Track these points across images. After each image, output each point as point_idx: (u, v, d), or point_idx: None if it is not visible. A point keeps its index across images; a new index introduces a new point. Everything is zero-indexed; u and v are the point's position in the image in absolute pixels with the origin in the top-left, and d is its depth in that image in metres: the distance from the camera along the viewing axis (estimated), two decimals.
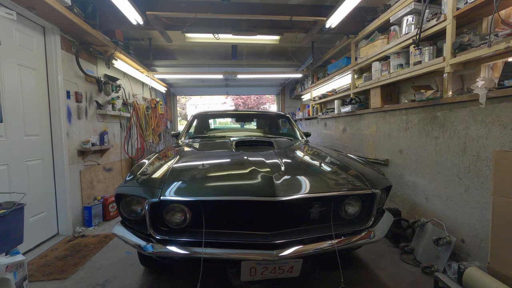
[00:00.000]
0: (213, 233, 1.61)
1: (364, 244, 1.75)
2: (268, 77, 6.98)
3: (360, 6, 3.26)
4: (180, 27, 3.71)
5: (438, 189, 2.53)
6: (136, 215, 1.68)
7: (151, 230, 1.59)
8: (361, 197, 1.80)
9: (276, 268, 1.57)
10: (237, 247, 1.57)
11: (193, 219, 1.64)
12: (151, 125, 5.73)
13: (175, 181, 1.69)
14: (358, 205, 1.82)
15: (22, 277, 1.89)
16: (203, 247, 1.51)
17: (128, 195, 1.67)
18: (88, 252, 2.67)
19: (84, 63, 3.55)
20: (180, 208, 1.64)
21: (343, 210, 1.79)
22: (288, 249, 1.54)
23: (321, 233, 1.65)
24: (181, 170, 1.89)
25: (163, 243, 1.58)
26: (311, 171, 1.95)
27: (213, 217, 1.64)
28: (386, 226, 1.84)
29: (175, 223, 1.65)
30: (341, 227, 1.74)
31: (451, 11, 2.33)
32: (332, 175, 1.88)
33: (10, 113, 2.51)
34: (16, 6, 2.48)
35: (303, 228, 1.70)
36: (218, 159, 2.25)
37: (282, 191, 1.55)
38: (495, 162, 1.76)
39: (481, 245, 2.10)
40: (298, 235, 1.62)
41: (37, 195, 2.82)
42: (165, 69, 6.12)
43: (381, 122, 3.44)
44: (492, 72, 2.34)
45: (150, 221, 1.58)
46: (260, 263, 1.54)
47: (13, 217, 1.90)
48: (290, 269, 1.59)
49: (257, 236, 1.60)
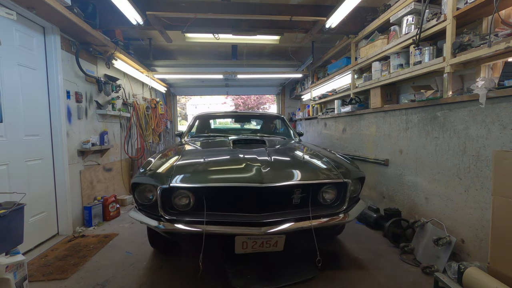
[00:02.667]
0: (213, 214, 1.94)
1: (336, 224, 2.08)
2: (268, 77, 6.98)
3: (360, 6, 3.26)
4: (180, 27, 3.71)
5: (438, 189, 2.53)
6: (149, 201, 2.03)
7: (162, 212, 1.94)
8: (336, 186, 2.14)
9: (264, 242, 1.92)
10: (232, 225, 1.91)
11: (196, 203, 1.99)
12: (151, 125, 5.73)
13: (181, 172, 2.04)
14: (333, 193, 2.16)
15: (22, 277, 1.89)
16: (205, 224, 1.86)
17: (144, 183, 2.02)
18: (88, 252, 2.67)
19: (84, 63, 3.55)
20: (185, 194, 1.99)
21: (321, 197, 2.13)
22: (274, 227, 1.88)
23: (302, 215, 1.98)
24: (186, 163, 2.22)
25: (171, 222, 1.92)
26: (294, 164, 2.32)
27: (212, 201, 1.97)
28: (358, 211, 2.20)
29: (181, 206, 1.99)
30: (320, 211, 2.07)
31: (451, 11, 2.33)
32: (312, 168, 2.27)
33: (10, 113, 2.51)
34: (16, 6, 2.48)
35: (287, 211, 2.03)
36: (218, 155, 2.54)
37: (268, 180, 1.90)
38: (495, 162, 1.76)
39: (481, 245, 2.10)
40: (282, 216, 1.96)
41: (37, 195, 2.82)
42: (165, 69, 6.12)
43: (381, 122, 3.44)
44: (492, 72, 2.34)
45: (161, 204, 1.93)
46: (250, 237, 1.89)
47: (13, 217, 1.90)
48: (275, 243, 1.94)
49: (248, 217, 1.94)
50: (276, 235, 1.89)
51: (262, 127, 4.49)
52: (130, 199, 4.44)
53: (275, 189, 1.92)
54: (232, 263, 2.39)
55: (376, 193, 3.57)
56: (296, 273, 2.22)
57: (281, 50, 5.86)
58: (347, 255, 2.58)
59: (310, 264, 2.34)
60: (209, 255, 2.22)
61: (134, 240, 2.98)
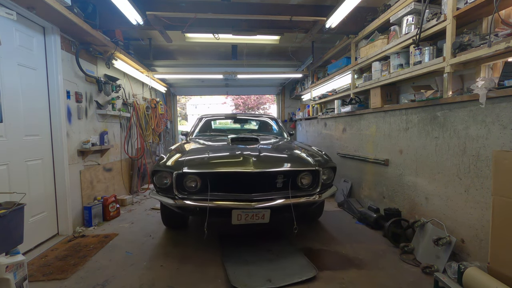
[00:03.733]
0: (214, 194, 2.50)
1: (310, 202, 2.61)
2: (268, 77, 6.97)
3: (360, 6, 3.26)
4: (180, 27, 3.71)
5: (438, 189, 2.53)
6: (165, 185, 2.55)
7: (176, 192, 2.49)
8: (311, 173, 2.68)
9: (254, 215, 2.43)
10: (229, 201, 2.43)
11: (202, 186, 2.55)
12: (151, 125, 5.73)
13: (190, 161, 2.60)
14: (309, 179, 2.70)
15: (22, 277, 1.89)
16: (208, 201, 2.40)
17: (162, 171, 2.56)
18: (88, 252, 2.67)
19: (84, 63, 3.56)
20: (194, 178, 2.55)
21: (300, 182, 2.67)
22: (261, 203, 2.41)
23: (284, 195, 2.52)
24: (194, 155, 2.77)
25: (183, 200, 2.47)
26: (279, 156, 2.93)
27: (214, 183, 2.53)
28: (330, 193, 2.77)
29: (190, 188, 2.55)
30: (299, 192, 2.61)
31: (451, 11, 2.33)
32: (292, 159, 2.82)
33: (10, 113, 2.51)
34: (16, 6, 2.48)
35: (273, 192, 2.57)
36: (219, 149, 3.10)
37: (257, 167, 2.45)
38: (495, 162, 1.76)
39: (481, 245, 2.10)
40: (268, 196, 2.50)
41: (37, 195, 2.82)
42: (165, 69, 6.12)
43: (381, 122, 3.44)
44: (492, 72, 2.34)
45: (175, 185, 2.49)
46: (244, 211, 2.40)
47: (13, 217, 1.90)
48: (263, 216, 2.45)
49: (242, 196, 2.47)
50: (263, 209, 2.42)
51: (258, 127, 5.10)
52: (130, 199, 4.45)
53: (262, 174, 2.48)
54: (232, 265, 2.39)
55: (376, 193, 3.57)
56: (296, 273, 2.22)
57: (281, 50, 5.86)
58: (347, 255, 2.58)
59: (310, 264, 2.35)
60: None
61: (134, 240, 2.99)
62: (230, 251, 2.64)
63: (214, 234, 3.09)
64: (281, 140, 3.84)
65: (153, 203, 4.45)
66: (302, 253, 2.59)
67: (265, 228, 3.23)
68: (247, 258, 2.49)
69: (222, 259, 2.49)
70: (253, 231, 3.14)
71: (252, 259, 2.48)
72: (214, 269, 2.35)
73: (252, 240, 2.90)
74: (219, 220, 3.25)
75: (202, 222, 2.37)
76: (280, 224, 3.31)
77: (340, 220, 3.57)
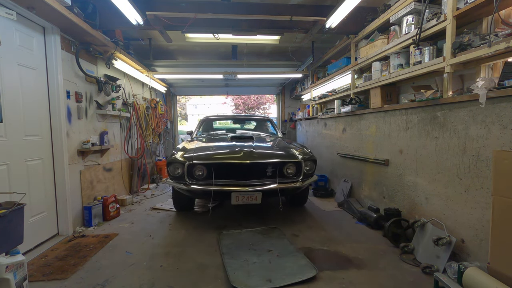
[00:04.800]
0: (217, 180, 3.13)
1: (294, 187, 3.23)
2: (268, 77, 6.98)
3: (360, 6, 3.26)
4: (180, 27, 3.71)
5: (438, 189, 2.53)
6: (177, 174, 3.20)
7: (187, 178, 3.17)
8: (295, 164, 3.33)
9: (249, 197, 3.04)
10: (228, 186, 3.08)
11: (207, 174, 3.19)
12: (151, 125, 5.73)
13: (198, 155, 3.28)
14: (293, 169, 3.33)
15: (22, 277, 1.89)
16: (213, 186, 3.05)
17: (175, 162, 3.22)
18: (88, 252, 2.67)
19: (84, 63, 3.56)
20: (201, 168, 3.20)
21: (286, 171, 3.30)
22: (254, 187, 3.06)
23: (273, 181, 3.19)
24: (201, 151, 3.45)
25: (192, 185, 3.12)
26: (269, 151, 3.59)
27: (217, 172, 3.15)
28: (311, 181, 3.45)
29: (198, 175, 3.20)
30: (284, 179, 3.27)
31: (451, 11, 2.33)
32: (280, 153, 3.48)
33: (10, 113, 2.51)
34: (16, 6, 2.48)
35: (264, 179, 3.22)
36: (221, 147, 3.61)
37: (251, 159, 3.14)
38: (495, 162, 1.76)
39: (481, 245, 2.10)
40: (261, 182, 3.17)
41: (37, 195, 2.82)
42: (165, 69, 6.11)
43: (381, 122, 3.44)
44: (492, 72, 2.34)
45: (186, 174, 3.16)
46: (241, 193, 3.03)
47: (13, 217, 1.90)
48: (256, 198, 3.05)
49: (239, 182, 3.12)
50: (256, 192, 3.05)
51: (254, 127, 5.73)
52: (130, 199, 4.45)
53: (255, 165, 3.17)
54: (232, 265, 2.39)
55: (376, 193, 3.57)
56: (296, 273, 2.22)
57: (281, 50, 5.86)
58: (347, 255, 2.58)
59: (310, 264, 2.35)
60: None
61: (134, 240, 2.99)
62: (230, 251, 2.64)
63: (214, 234, 3.10)
64: (274, 138, 4.48)
65: (153, 203, 4.45)
66: (302, 253, 2.59)
67: (264, 227, 3.25)
68: (247, 258, 2.49)
69: (222, 259, 2.49)
70: (254, 230, 3.15)
71: (252, 259, 2.48)
72: (214, 269, 2.35)
73: (252, 240, 2.90)
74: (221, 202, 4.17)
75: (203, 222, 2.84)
76: (276, 220, 3.34)
77: (340, 220, 3.57)
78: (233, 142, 3.72)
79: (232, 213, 3.85)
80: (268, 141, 4.08)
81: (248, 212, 3.89)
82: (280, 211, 3.79)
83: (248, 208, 4.05)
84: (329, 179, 5.22)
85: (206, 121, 5.41)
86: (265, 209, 4.03)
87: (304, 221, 3.50)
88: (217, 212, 3.91)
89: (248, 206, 4.10)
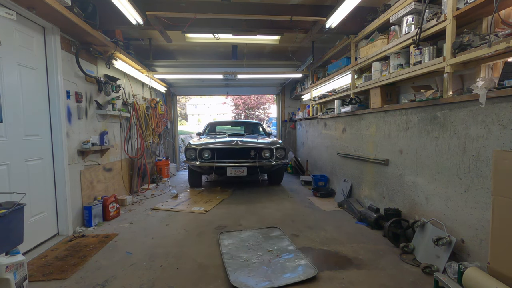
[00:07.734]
0: (218, 160, 5.00)
1: (268, 165, 5.03)
2: (268, 77, 6.98)
3: (360, 6, 3.25)
4: (180, 27, 3.71)
5: (438, 189, 2.53)
6: (191, 156, 5.09)
7: (198, 159, 5.04)
8: (269, 150, 5.16)
9: (238, 170, 4.87)
10: (225, 163, 4.93)
11: (212, 156, 5.04)
12: (151, 125, 5.74)
13: (206, 144, 5.16)
14: (269, 153, 5.15)
15: (22, 277, 1.89)
16: (215, 163, 4.94)
17: (191, 148, 5.12)
18: (88, 252, 2.67)
19: (84, 63, 3.56)
20: (208, 152, 5.05)
21: (264, 154, 5.13)
22: (242, 164, 4.94)
23: (254, 161, 5.04)
24: (207, 143, 5.18)
25: (201, 163, 4.99)
26: (253, 142, 5.34)
27: (218, 154, 5.04)
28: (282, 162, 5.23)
29: (205, 157, 5.04)
30: (263, 160, 5.09)
31: (451, 11, 2.33)
32: (260, 142, 5.31)
33: (10, 113, 2.51)
34: (16, 6, 2.48)
35: (249, 159, 5.06)
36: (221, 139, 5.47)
37: (239, 146, 5.06)
38: (495, 162, 1.76)
39: (481, 245, 2.10)
40: (246, 161, 5.03)
41: (37, 195, 2.82)
42: (165, 69, 6.12)
43: (381, 122, 3.44)
44: (492, 72, 2.34)
45: (198, 155, 5.04)
46: (233, 167, 4.87)
47: (13, 217, 1.91)
48: (243, 171, 4.87)
49: (232, 161, 4.99)
50: (242, 167, 4.87)
51: (247, 128, 7.29)
52: (130, 199, 4.45)
53: (242, 149, 5.04)
54: (233, 265, 2.39)
55: (376, 193, 3.57)
56: (296, 273, 2.22)
57: (281, 50, 5.87)
58: (347, 255, 2.58)
59: (310, 264, 2.35)
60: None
61: (134, 240, 2.99)
62: (230, 251, 2.64)
63: (214, 234, 3.10)
64: (258, 135, 6.43)
65: (153, 203, 4.45)
66: (302, 253, 2.59)
67: (264, 227, 3.24)
68: (247, 258, 2.50)
69: (222, 259, 2.49)
70: (254, 230, 3.15)
71: (252, 259, 2.48)
72: (214, 269, 2.35)
73: (252, 240, 2.90)
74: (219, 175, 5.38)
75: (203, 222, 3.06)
76: (276, 220, 3.35)
77: (340, 220, 3.57)
78: (230, 137, 5.52)
79: (233, 213, 3.86)
80: (253, 137, 5.95)
81: (248, 212, 3.89)
82: (280, 211, 3.81)
83: (248, 208, 4.05)
84: (329, 179, 5.22)
85: (211, 125, 7.34)
86: (265, 209, 4.03)
87: (304, 221, 3.51)
88: (217, 212, 3.91)
89: (248, 205, 4.15)
